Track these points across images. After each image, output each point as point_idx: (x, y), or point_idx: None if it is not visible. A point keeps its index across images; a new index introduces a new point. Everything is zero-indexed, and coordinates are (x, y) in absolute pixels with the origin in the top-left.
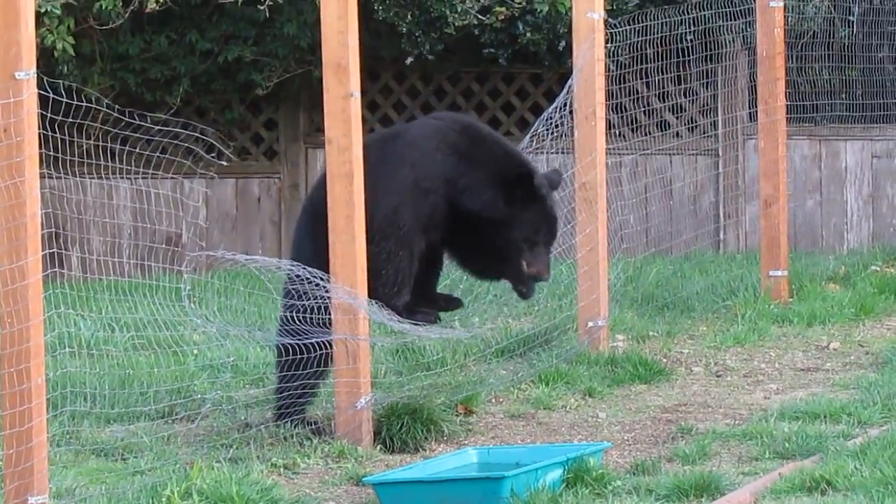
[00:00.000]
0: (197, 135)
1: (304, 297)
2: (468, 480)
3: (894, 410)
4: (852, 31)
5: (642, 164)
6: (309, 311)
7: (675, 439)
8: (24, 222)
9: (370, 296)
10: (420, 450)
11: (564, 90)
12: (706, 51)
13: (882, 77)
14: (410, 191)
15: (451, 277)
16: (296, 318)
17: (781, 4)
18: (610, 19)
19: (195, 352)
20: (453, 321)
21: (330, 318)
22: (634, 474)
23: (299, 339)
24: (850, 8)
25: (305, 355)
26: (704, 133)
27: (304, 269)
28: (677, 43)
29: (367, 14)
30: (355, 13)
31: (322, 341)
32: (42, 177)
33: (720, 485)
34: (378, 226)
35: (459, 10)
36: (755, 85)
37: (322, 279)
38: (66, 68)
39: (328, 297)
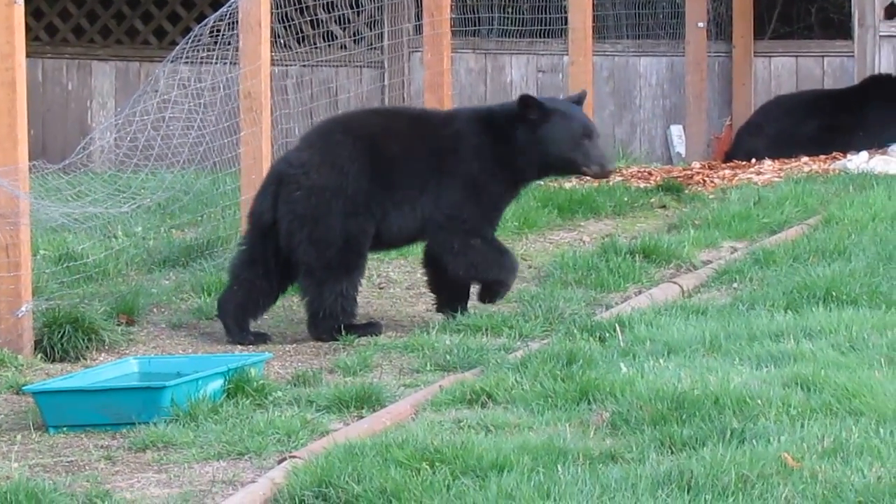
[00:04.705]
0: None
1: None
2: (128, 390)
3: (555, 324)
4: None
5: (308, 75)
6: None
7: (336, 351)
8: None
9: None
10: (81, 359)
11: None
12: None
13: None
14: None
15: None
16: None
17: None
18: None
19: None
20: (116, 230)
21: None
22: (295, 385)
23: None
24: None
25: None
26: (370, 45)
27: None
28: None
29: None
30: None
31: None
32: None
33: (381, 396)
34: None
35: None
36: None
37: None
38: None
39: None
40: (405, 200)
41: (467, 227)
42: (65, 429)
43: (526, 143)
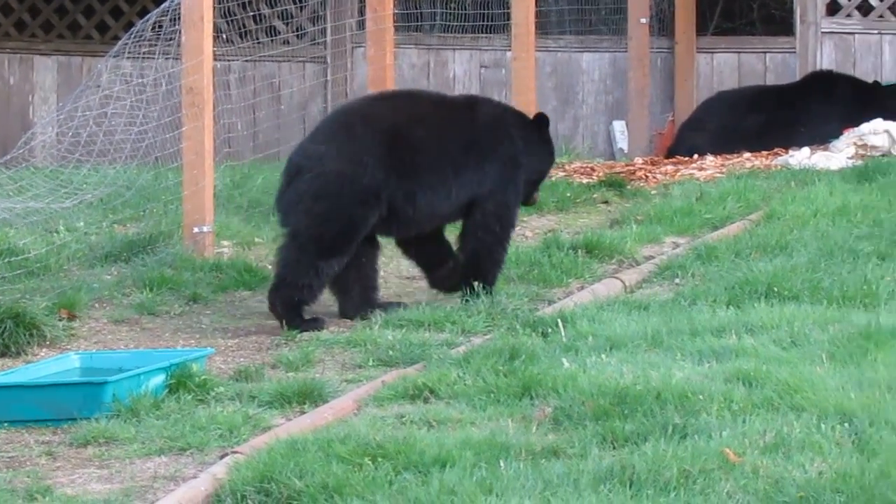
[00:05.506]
0: None
1: None
2: (69, 385)
3: (498, 319)
4: None
5: (251, 70)
6: None
7: (278, 346)
8: None
9: None
10: (22, 354)
11: None
12: None
13: None
14: None
15: None
16: None
17: None
18: None
19: None
20: (58, 225)
21: None
22: (238, 380)
23: None
24: None
25: None
26: (313, 40)
27: None
28: None
29: None
30: None
31: None
32: None
33: (323, 392)
34: None
35: None
36: None
37: None
38: None
39: None
40: (438, 183)
41: (509, 216)
42: (5, 424)
43: (535, 154)
